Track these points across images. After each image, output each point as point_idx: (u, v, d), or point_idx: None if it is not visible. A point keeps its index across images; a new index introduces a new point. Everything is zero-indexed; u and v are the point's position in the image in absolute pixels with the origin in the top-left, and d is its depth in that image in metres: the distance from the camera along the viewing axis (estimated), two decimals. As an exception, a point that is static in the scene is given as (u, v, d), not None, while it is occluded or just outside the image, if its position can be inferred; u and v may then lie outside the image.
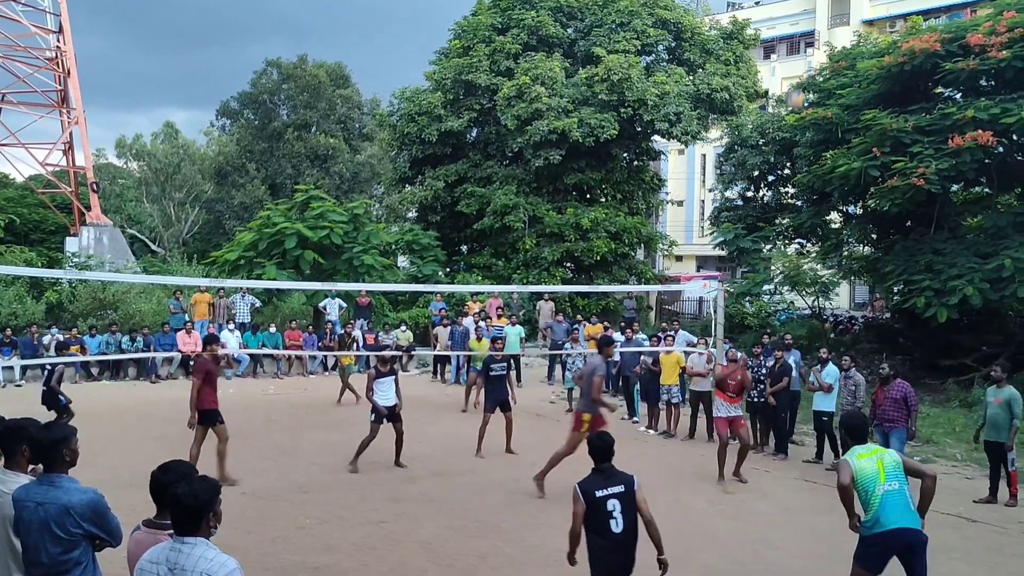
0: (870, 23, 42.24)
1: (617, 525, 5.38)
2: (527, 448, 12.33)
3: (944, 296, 16.09)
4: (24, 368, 18.39)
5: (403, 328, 21.44)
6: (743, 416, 11.56)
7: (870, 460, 5.98)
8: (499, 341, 14.25)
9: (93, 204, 29.04)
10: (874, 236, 21.01)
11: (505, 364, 12.66)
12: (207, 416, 10.28)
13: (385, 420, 11.19)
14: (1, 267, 17.98)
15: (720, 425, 11.28)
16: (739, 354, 12.36)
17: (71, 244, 28.23)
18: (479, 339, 17.16)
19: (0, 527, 4.34)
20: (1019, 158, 18.24)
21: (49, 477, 4.26)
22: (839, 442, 11.63)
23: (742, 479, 11.07)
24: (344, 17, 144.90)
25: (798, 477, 11.60)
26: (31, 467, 4.60)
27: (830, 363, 12.36)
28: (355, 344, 18.55)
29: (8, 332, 18.90)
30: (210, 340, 11.23)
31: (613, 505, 5.40)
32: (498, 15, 28.97)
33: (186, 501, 3.53)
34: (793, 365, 13.17)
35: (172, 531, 3.69)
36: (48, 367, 12.75)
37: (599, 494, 5.45)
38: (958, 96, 18.27)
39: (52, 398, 12.31)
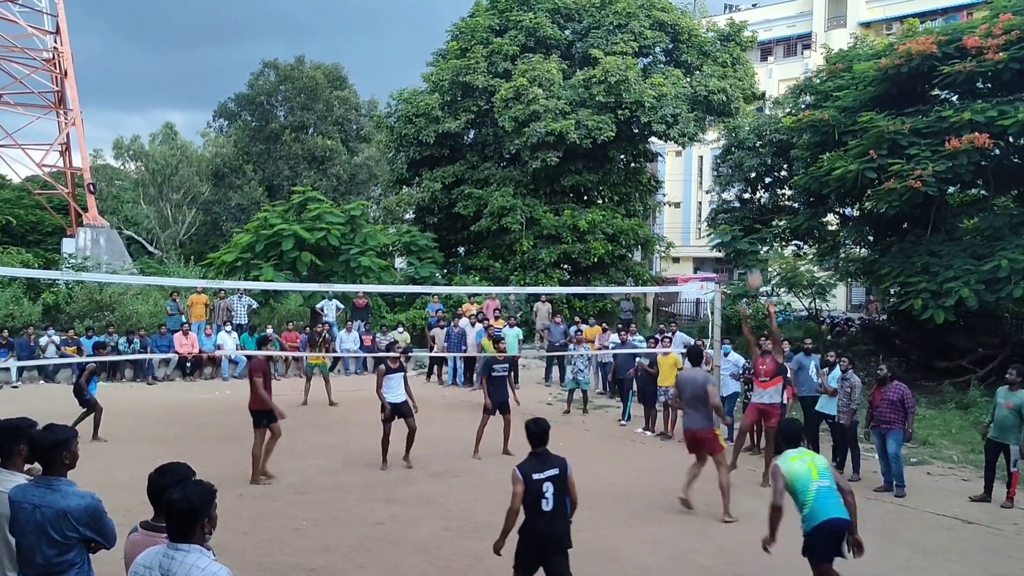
0: (867, 25, 42.32)
1: (547, 504, 5.88)
2: (523, 449, 12.33)
3: (940, 298, 16.10)
4: (20, 370, 18.37)
5: (400, 329, 21.44)
6: (779, 403, 11.39)
7: (802, 462, 6.53)
8: (501, 342, 14.27)
9: (90, 205, 29.01)
10: (871, 238, 21.03)
11: (507, 365, 12.73)
12: (261, 416, 10.56)
13: (396, 416, 11.29)
14: (-2, 268, 17.98)
15: (748, 412, 11.52)
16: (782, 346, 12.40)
17: (68, 245, 28.19)
18: (491, 339, 17.22)
19: None
20: (1015, 160, 18.27)
21: (47, 480, 4.25)
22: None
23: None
24: (342, 18, 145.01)
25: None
26: (27, 466, 4.60)
27: (836, 366, 12.34)
28: (327, 345, 18.42)
29: (5, 334, 18.87)
30: (263, 341, 11.86)
31: (547, 487, 5.88)
32: (496, 17, 28.99)
33: (180, 506, 3.52)
34: (814, 370, 12.98)
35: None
36: (79, 364, 13.54)
37: (536, 476, 5.91)
38: (955, 98, 18.28)
39: (79, 393, 12.92)
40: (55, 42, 29.11)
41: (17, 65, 28.88)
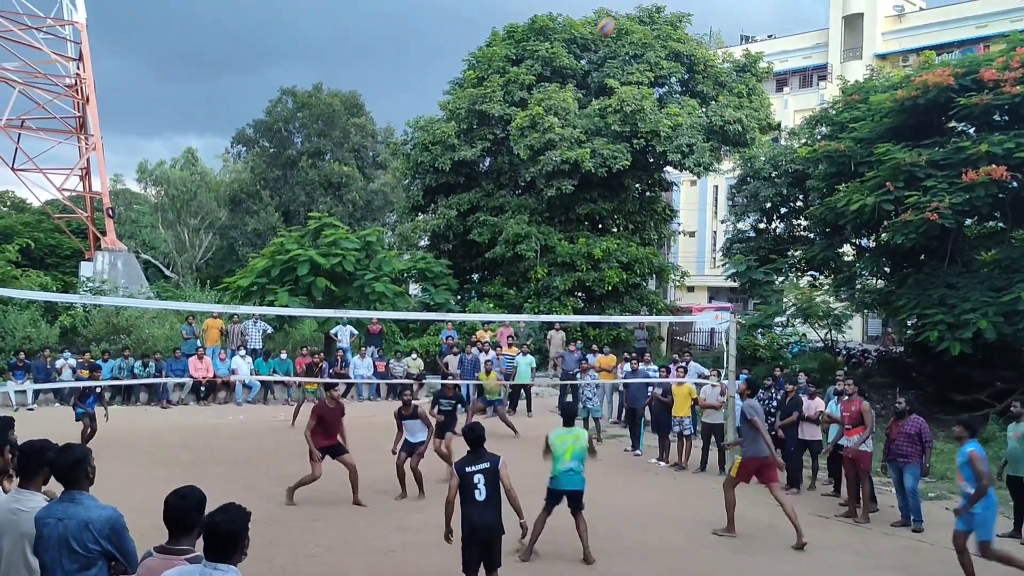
0: (883, 57, 42.41)
1: (480, 494, 6.90)
2: (531, 477, 12.26)
3: (957, 330, 15.98)
4: (36, 392, 18.45)
5: (413, 356, 21.43)
6: (869, 451, 11.13)
7: (565, 441, 8.89)
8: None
9: (108, 229, 29.26)
10: (887, 269, 20.93)
11: (454, 401, 12.89)
12: (328, 450, 11.00)
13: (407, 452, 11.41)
14: (16, 291, 18.11)
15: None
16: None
17: (86, 269, 28.40)
18: (488, 372, 17.17)
19: (17, 545, 4.39)
20: (1033, 192, 18.20)
21: (70, 494, 4.34)
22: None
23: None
24: (360, 46, 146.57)
25: (811, 512, 11.45)
26: (43, 489, 4.65)
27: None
28: (322, 373, 18.65)
29: (22, 356, 18.98)
30: (329, 387, 12.15)
31: (478, 479, 6.92)
32: (512, 46, 29.23)
33: (225, 527, 3.68)
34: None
35: (188, 557, 3.75)
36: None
37: (468, 469, 7.00)
38: (971, 130, 18.27)
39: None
40: (78, 68, 29.52)
41: (40, 91, 29.28)
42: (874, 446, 11.52)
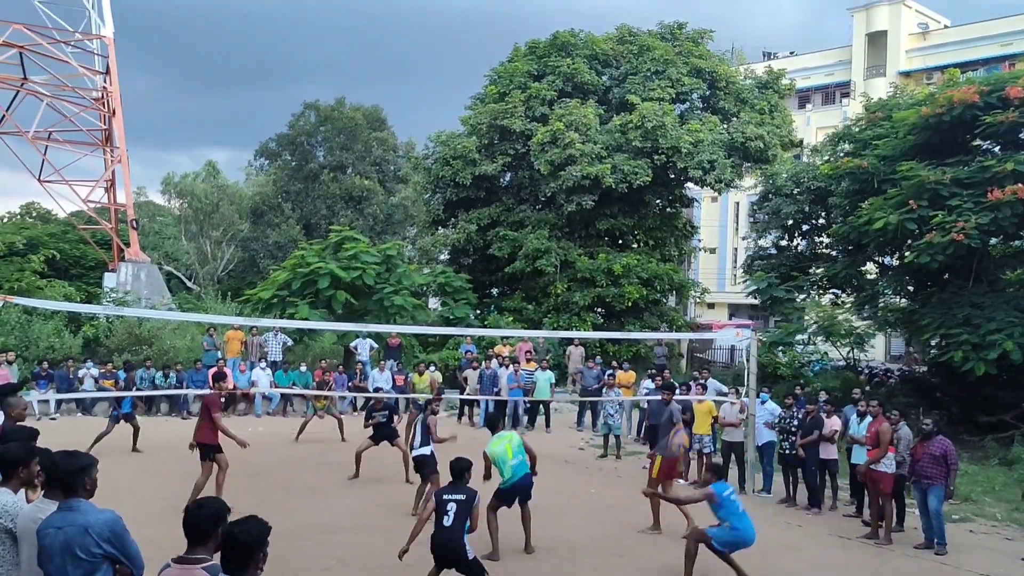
0: (906, 75, 42.18)
1: (448, 520, 7.51)
2: (551, 493, 12.21)
3: (982, 350, 15.78)
4: (59, 402, 18.59)
5: (432, 368, 21.43)
6: (890, 473, 10.88)
7: (500, 444, 9.45)
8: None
9: (132, 241, 29.54)
10: (910, 288, 20.73)
11: (387, 413, 13.24)
12: (207, 449, 10.86)
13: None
14: (41, 302, 18.32)
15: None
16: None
17: (109, 280, 28.66)
18: (420, 374, 17.16)
19: (36, 554, 4.40)
20: (1059, 211, 17.98)
21: (68, 503, 4.37)
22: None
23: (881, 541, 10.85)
24: (382, 61, 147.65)
25: (831, 532, 11.32)
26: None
27: (868, 416, 12.11)
28: (332, 387, 18.69)
29: (45, 365, 19.15)
30: (218, 378, 11.96)
31: (451, 506, 7.54)
32: (534, 62, 29.33)
33: (242, 539, 3.70)
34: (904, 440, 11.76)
35: (205, 566, 3.77)
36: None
37: (445, 497, 7.68)
38: (996, 148, 18.10)
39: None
40: (105, 82, 29.90)
41: (67, 104, 29.68)
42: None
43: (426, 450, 11.13)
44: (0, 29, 27.45)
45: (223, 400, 11.90)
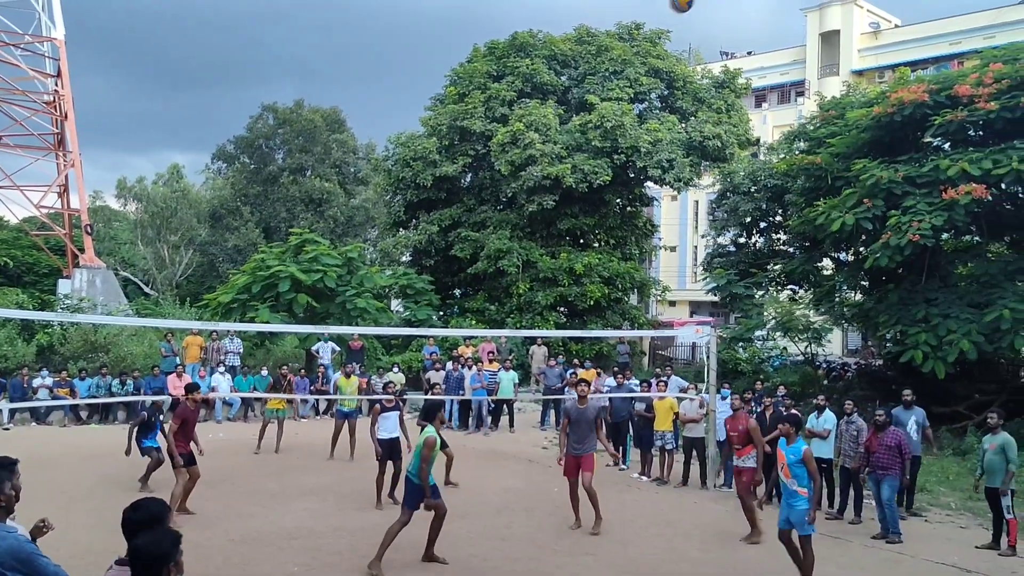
0: (859, 73, 42.87)
1: None
2: (517, 493, 12.24)
3: (940, 350, 16.14)
4: (12, 411, 18.22)
5: (395, 369, 21.35)
6: (754, 468, 10.69)
7: (422, 437, 8.85)
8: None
9: (87, 246, 29.06)
10: (865, 283, 21.09)
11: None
12: (185, 459, 10.72)
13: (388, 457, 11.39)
14: (-7, 309, 17.95)
15: (735, 476, 11.35)
16: (740, 400, 12.17)
17: (64, 286, 28.16)
18: (348, 376, 16.65)
19: None
20: (1008, 207, 18.40)
21: None
22: (836, 488, 11.68)
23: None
24: (342, 62, 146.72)
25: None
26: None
27: (827, 410, 12.32)
28: (291, 387, 17.92)
29: (-3, 374, 18.77)
30: (191, 388, 11.62)
31: None
32: (493, 63, 29.36)
33: (147, 550, 3.52)
34: (914, 425, 11.94)
35: None
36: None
37: None
38: (947, 146, 18.48)
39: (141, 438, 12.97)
40: (56, 85, 29.39)
41: (18, 108, 29.13)
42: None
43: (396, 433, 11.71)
44: (-54, 32, 26.86)
45: (196, 410, 11.62)
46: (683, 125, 27.78)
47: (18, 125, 29.22)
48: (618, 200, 29.41)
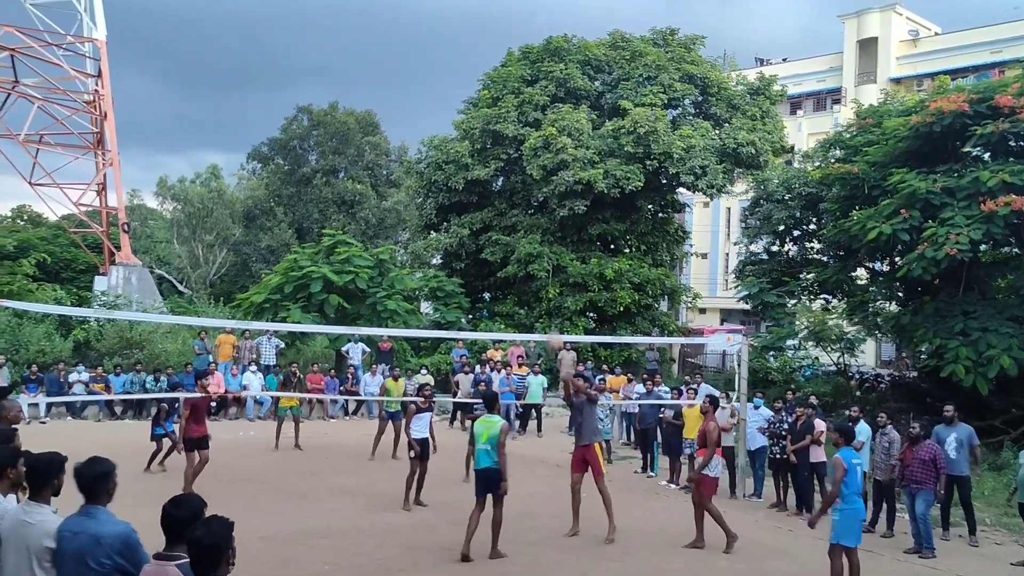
0: (897, 81, 42.39)
1: None
2: (544, 498, 12.22)
3: (980, 366, 15.90)
4: (49, 405, 18.52)
5: (424, 372, 21.42)
6: (709, 475, 10.39)
7: (482, 425, 9.38)
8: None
9: (123, 244, 29.44)
10: (901, 294, 20.82)
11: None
12: (193, 443, 11.54)
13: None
14: (31, 305, 18.25)
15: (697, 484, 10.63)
16: (714, 400, 11.75)
17: (100, 283, 28.55)
18: (396, 379, 17.00)
19: (23, 557, 4.40)
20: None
21: (87, 509, 4.39)
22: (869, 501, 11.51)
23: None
24: (375, 66, 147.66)
25: (822, 537, 11.30)
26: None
27: (861, 421, 12.17)
28: (301, 384, 18.17)
29: (35, 369, 19.08)
30: (200, 375, 12.99)
31: None
32: (527, 67, 29.39)
33: (206, 542, 3.64)
34: (954, 443, 11.40)
35: (179, 563, 3.84)
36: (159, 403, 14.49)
37: None
38: (987, 156, 18.20)
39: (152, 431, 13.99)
40: (96, 85, 29.81)
41: (59, 107, 29.58)
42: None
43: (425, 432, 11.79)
44: (-9, 32, 27.37)
45: (207, 397, 12.50)
46: (717, 131, 27.62)
47: (59, 124, 29.67)
48: (650, 206, 29.30)
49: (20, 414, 6.93)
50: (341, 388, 20.70)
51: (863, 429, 12.02)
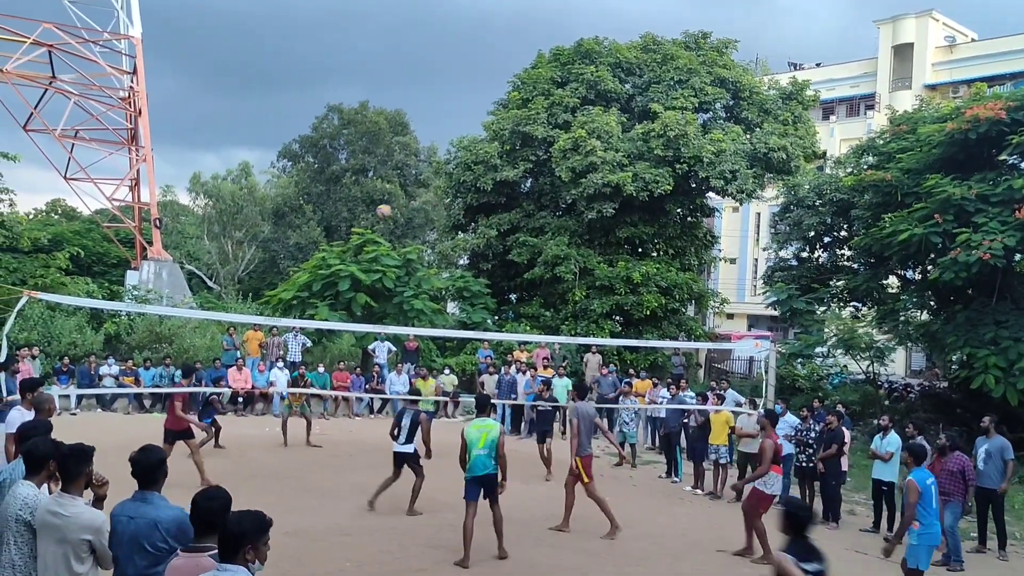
0: (932, 88, 41.86)
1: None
2: (549, 502, 12.18)
3: (1013, 377, 15.68)
4: (79, 397, 18.77)
5: (447, 371, 21.48)
6: (766, 491, 10.15)
7: (478, 430, 9.35)
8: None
9: (155, 239, 29.81)
10: (932, 303, 20.56)
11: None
12: (174, 435, 12.10)
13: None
14: (64, 298, 18.53)
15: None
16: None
17: (131, 277, 28.93)
18: (424, 378, 17.21)
19: (57, 549, 4.46)
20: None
21: (143, 494, 4.56)
22: (896, 512, 11.34)
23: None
24: (407, 65, 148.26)
25: (849, 547, 11.22)
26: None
27: (892, 431, 12.03)
28: (305, 381, 18.32)
29: (66, 361, 19.35)
30: (188, 373, 14.07)
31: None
32: (558, 69, 29.36)
33: (229, 528, 3.78)
34: (983, 454, 11.23)
35: (212, 553, 3.95)
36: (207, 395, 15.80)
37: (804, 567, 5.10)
38: (1023, 164, 17.94)
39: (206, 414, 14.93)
40: (132, 82, 30.22)
41: (94, 103, 30.02)
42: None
43: (409, 447, 11.22)
44: (30, 28, 27.81)
45: (187, 396, 13.51)
46: (748, 136, 27.41)
47: (94, 120, 30.12)
48: (679, 210, 29.13)
49: (54, 406, 7.06)
50: (367, 386, 20.80)
51: (893, 439, 11.88)
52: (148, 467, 4.60)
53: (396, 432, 11.33)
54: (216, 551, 3.97)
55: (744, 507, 10.34)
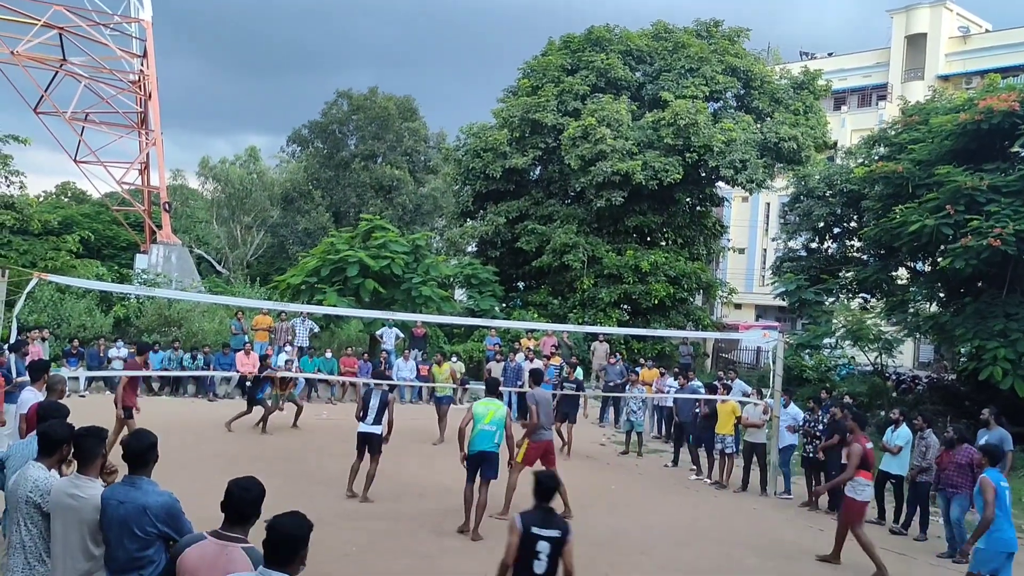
0: (945, 79, 41.57)
1: (540, 566, 5.41)
2: (573, 489, 12.19)
3: (1021, 367, 15.62)
4: (89, 379, 18.86)
5: (454, 359, 21.49)
6: (857, 499, 9.67)
7: (486, 407, 9.63)
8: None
9: (164, 223, 29.87)
10: (942, 295, 20.47)
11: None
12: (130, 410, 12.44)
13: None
14: (74, 280, 18.58)
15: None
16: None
17: (141, 261, 29.01)
18: (440, 364, 17.36)
19: (75, 531, 4.49)
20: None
21: (132, 479, 4.55)
22: (904, 504, 11.32)
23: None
24: (418, 52, 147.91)
25: (853, 538, 11.21)
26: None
27: (903, 424, 11.99)
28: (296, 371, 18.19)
29: (76, 343, 19.44)
30: (143, 350, 14.33)
31: (543, 546, 5.42)
32: (568, 56, 29.25)
33: (289, 530, 3.70)
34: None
35: (245, 547, 3.93)
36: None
37: (534, 531, 5.44)
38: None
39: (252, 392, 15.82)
40: (142, 65, 30.22)
41: (105, 86, 30.05)
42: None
43: (376, 428, 11.06)
44: (41, 10, 27.84)
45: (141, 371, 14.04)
46: (758, 125, 27.30)
47: (104, 103, 30.16)
48: (688, 199, 29.07)
49: (66, 387, 7.10)
50: (373, 372, 20.80)
51: (903, 432, 11.85)
52: (139, 451, 4.59)
53: (363, 413, 11.14)
54: (250, 546, 3.96)
55: (841, 519, 9.98)
